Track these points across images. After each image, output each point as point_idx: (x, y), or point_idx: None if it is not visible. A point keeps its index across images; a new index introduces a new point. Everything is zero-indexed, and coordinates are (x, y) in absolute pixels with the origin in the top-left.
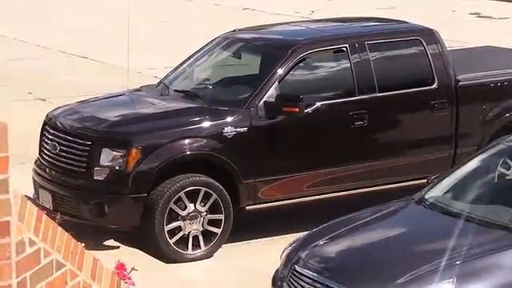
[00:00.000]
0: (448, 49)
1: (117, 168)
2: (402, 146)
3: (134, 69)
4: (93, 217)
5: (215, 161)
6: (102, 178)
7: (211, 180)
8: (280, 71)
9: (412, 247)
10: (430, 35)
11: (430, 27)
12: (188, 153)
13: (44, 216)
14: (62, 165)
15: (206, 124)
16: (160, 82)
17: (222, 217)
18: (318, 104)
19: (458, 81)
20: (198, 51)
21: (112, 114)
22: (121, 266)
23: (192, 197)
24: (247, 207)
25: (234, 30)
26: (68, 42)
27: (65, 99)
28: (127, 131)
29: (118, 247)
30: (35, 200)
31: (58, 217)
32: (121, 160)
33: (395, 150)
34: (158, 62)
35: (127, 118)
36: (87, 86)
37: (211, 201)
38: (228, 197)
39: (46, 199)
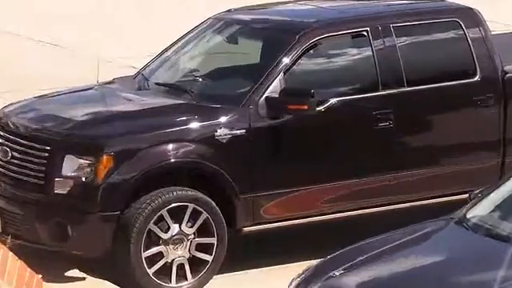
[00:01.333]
0: (492, 33)
1: (83, 179)
2: (436, 153)
3: (107, 57)
4: (52, 241)
5: (206, 171)
6: (64, 192)
7: (200, 195)
8: (286, 60)
9: (451, 279)
10: (470, 16)
11: (470, 6)
12: (172, 161)
13: None
14: (14, 175)
15: (195, 125)
16: (138, 73)
17: (213, 240)
18: (333, 101)
19: (506, 72)
20: (185, 36)
21: (78, 113)
22: None
23: (177, 216)
24: (245, 229)
25: (230, 10)
26: (39, 28)
27: (23, 93)
28: (96, 134)
29: (84, 279)
30: None
31: (9, 240)
32: (88, 169)
33: (428, 157)
34: (136, 48)
35: (97, 117)
36: (56, 77)
37: (201, 221)
38: (221, 216)
39: None
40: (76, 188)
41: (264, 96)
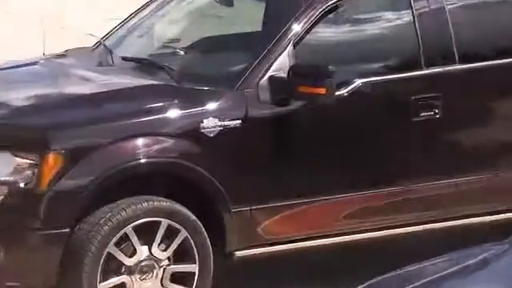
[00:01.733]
0: None
1: (21, 185)
2: (499, 154)
3: (57, 22)
4: None
5: (187, 175)
6: None
7: (178, 207)
8: (296, 28)
9: None
10: None
11: None
12: (142, 161)
13: None
14: None
15: (173, 113)
16: (98, 44)
17: (194, 268)
18: (359, 81)
19: None
20: None
21: (15, 95)
22: None
23: (146, 235)
24: (238, 253)
25: None
26: None
27: None
28: (41, 123)
29: None
30: None
31: None
32: (28, 172)
33: (488, 159)
34: (97, 12)
35: (41, 101)
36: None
37: (178, 241)
38: (206, 235)
39: None
40: (10, 197)
41: (266, 76)
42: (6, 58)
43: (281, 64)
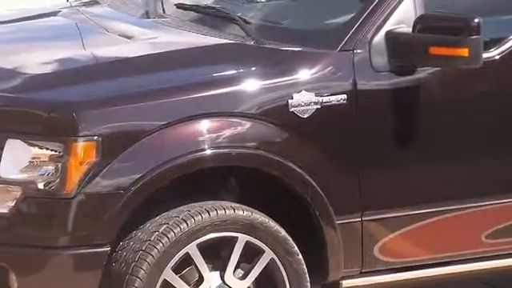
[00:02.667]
0: None
1: (39, 186)
2: None
3: None
4: None
5: (271, 172)
6: (3, 211)
7: (261, 217)
8: None
9: None
10: None
11: None
12: (208, 152)
13: None
14: None
15: (251, 85)
16: None
17: None
18: None
19: None
20: None
21: (30, 60)
22: None
23: (216, 256)
24: (345, 282)
25: None
26: None
27: None
28: (66, 99)
29: None
30: None
31: None
32: (50, 167)
33: None
34: None
35: (66, 68)
36: None
37: (261, 266)
38: (301, 257)
39: None
40: (25, 203)
41: (382, 31)
42: (19, 4)
43: (403, 14)
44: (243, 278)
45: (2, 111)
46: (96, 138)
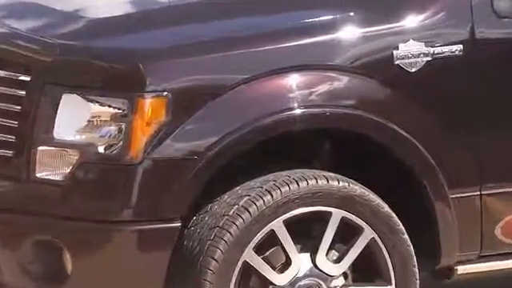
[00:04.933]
0: None
1: (99, 150)
2: None
3: None
4: (31, 282)
5: (371, 136)
6: (54, 178)
7: (360, 189)
8: None
9: None
10: None
11: None
12: (298, 112)
13: None
14: None
15: (347, 33)
16: None
17: None
18: None
19: None
20: None
21: (90, 4)
22: None
23: (306, 236)
24: (461, 267)
25: None
26: None
27: None
28: (132, 49)
29: None
30: None
31: None
32: (112, 128)
33: None
34: None
35: (131, 14)
36: None
37: (359, 247)
38: (408, 238)
39: None
40: (83, 170)
41: None
42: None
43: None
44: (338, 260)
45: (57, 61)
46: (166, 94)
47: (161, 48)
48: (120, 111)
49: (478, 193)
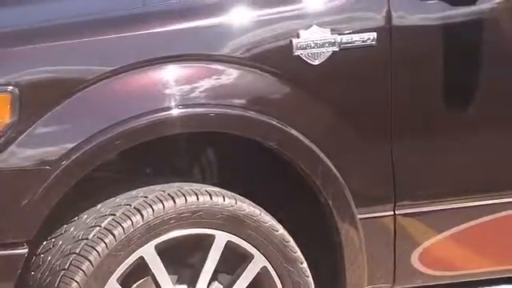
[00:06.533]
0: None
1: None
2: None
3: None
4: None
5: (265, 142)
6: None
7: (249, 207)
8: None
9: None
10: None
11: None
12: (175, 112)
13: None
14: None
15: (239, 17)
16: None
17: None
18: None
19: None
20: None
21: None
22: None
23: (181, 263)
24: None
25: None
26: None
27: None
28: None
29: None
30: None
31: None
32: None
33: None
34: None
35: None
36: None
37: (247, 278)
38: (306, 268)
39: None
40: None
41: None
42: None
43: None
44: None
45: None
46: (11, 88)
47: (5, 31)
48: None
49: (392, 212)
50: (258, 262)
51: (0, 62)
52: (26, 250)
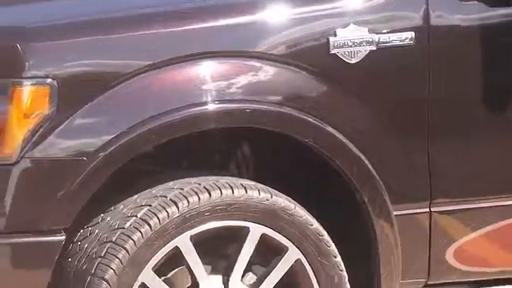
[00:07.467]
0: None
1: None
2: None
3: None
4: None
5: (301, 139)
6: None
7: (284, 201)
8: None
9: None
10: None
11: None
12: (211, 107)
13: None
14: None
15: (276, 15)
16: None
17: None
18: None
19: None
20: None
21: None
22: None
23: (216, 254)
24: None
25: None
26: None
27: None
28: (5, 26)
29: None
30: None
31: None
32: None
33: None
34: None
35: None
36: None
37: (281, 269)
38: (341, 262)
39: None
40: None
41: None
42: None
43: None
44: (256, 285)
45: None
46: (50, 81)
47: (45, 25)
48: None
49: (427, 209)
50: (292, 255)
51: (39, 55)
52: (64, 238)
